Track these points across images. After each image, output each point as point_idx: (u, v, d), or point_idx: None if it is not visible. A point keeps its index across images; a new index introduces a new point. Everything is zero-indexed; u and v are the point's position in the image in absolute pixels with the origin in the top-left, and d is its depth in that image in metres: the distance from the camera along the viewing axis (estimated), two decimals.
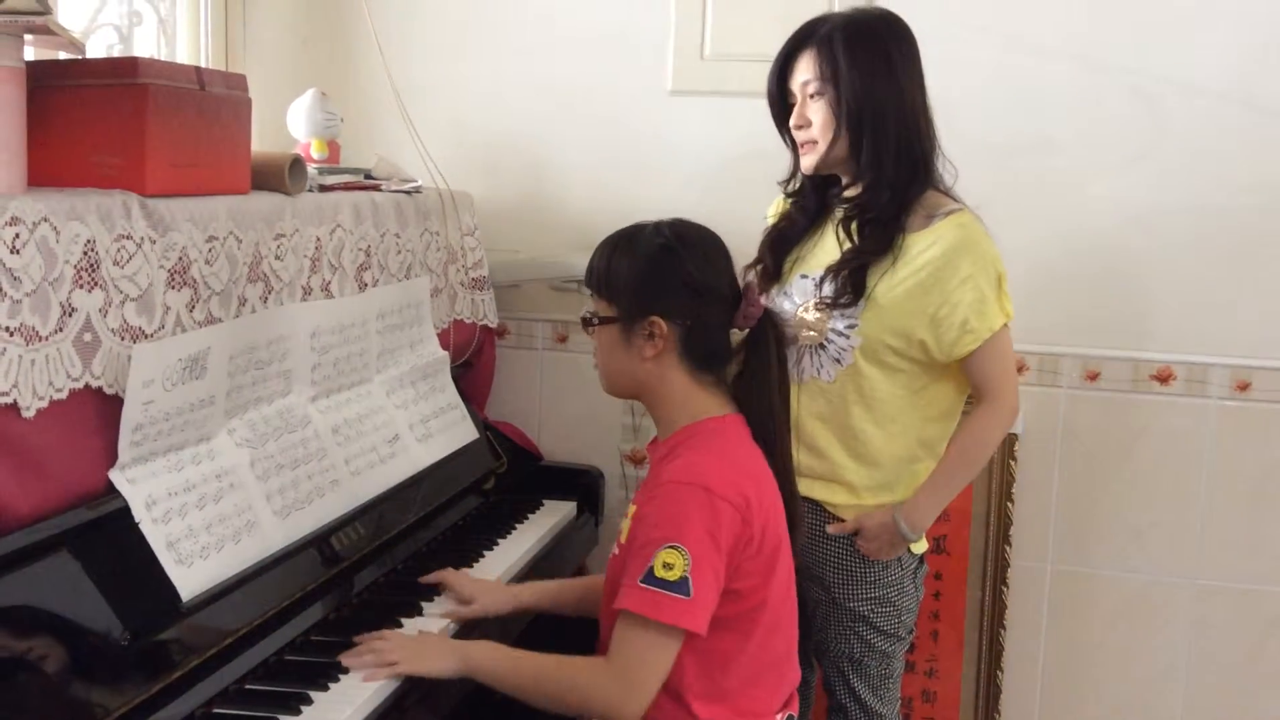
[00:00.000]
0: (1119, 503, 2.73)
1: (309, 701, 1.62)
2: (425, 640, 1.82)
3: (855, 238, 2.06)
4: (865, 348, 2.05)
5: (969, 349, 2.02)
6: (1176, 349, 2.67)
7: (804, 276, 2.13)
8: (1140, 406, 2.70)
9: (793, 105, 2.11)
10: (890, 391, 2.07)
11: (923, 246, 2.03)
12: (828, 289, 2.07)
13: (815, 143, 2.08)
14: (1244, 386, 2.64)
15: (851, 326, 2.06)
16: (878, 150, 2.03)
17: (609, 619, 1.76)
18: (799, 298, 2.12)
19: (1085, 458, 2.74)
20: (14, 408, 1.46)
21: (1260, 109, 2.57)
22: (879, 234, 2.04)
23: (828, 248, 2.11)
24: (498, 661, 1.75)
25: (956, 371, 2.08)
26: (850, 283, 2.04)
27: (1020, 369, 2.72)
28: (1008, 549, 2.74)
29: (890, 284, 2.03)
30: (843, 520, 2.10)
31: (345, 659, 1.72)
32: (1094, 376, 2.71)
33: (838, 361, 2.07)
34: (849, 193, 2.10)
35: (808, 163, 2.11)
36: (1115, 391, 2.71)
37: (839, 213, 2.10)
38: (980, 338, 2.01)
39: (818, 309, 2.08)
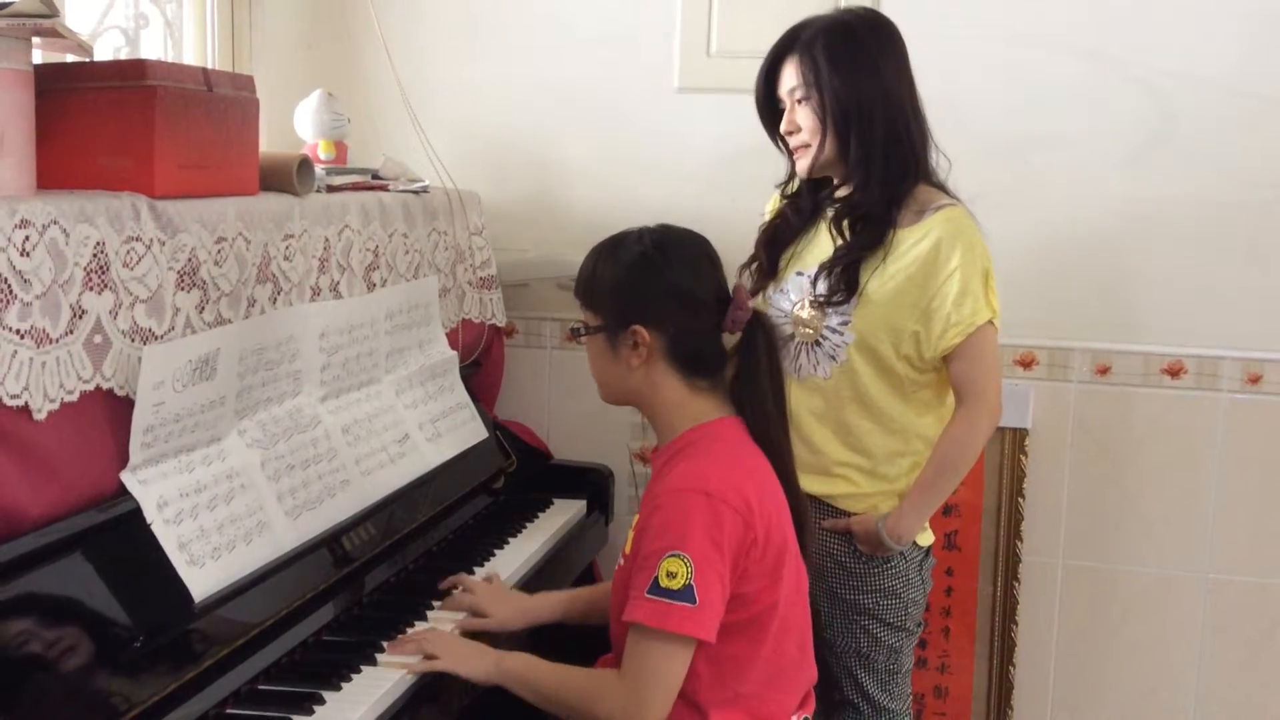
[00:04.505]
0: (1130, 497, 2.73)
1: (321, 701, 1.62)
2: (468, 643, 1.84)
3: (847, 234, 2.08)
4: (859, 344, 2.07)
5: (954, 342, 2.02)
6: (1187, 342, 2.66)
7: (800, 274, 2.15)
8: (1151, 400, 2.69)
9: (782, 111, 2.15)
10: (884, 389, 2.08)
11: (912, 241, 2.04)
12: (821, 287, 2.09)
13: (808, 146, 2.11)
14: (1255, 379, 2.64)
15: (845, 323, 2.07)
16: (865, 149, 2.05)
17: (619, 630, 1.76)
18: (795, 295, 2.14)
19: (1096, 452, 2.73)
20: (25, 410, 1.46)
21: (1269, 101, 2.57)
22: (870, 230, 2.06)
23: (822, 244, 2.13)
24: (527, 671, 1.76)
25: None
26: (843, 280, 2.06)
27: (1030, 363, 2.72)
28: (1019, 544, 2.73)
29: (881, 280, 2.04)
30: (846, 514, 2.11)
31: (389, 648, 1.77)
32: (1104, 370, 2.71)
33: (833, 358, 2.09)
34: (841, 192, 2.13)
35: (802, 166, 2.14)
36: (1126, 385, 2.70)
37: (831, 211, 2.12)
38: (964, 331, 2.01)
39: (813, 306, 2.10)
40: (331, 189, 2.27)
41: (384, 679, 1.70)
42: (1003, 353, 2.68)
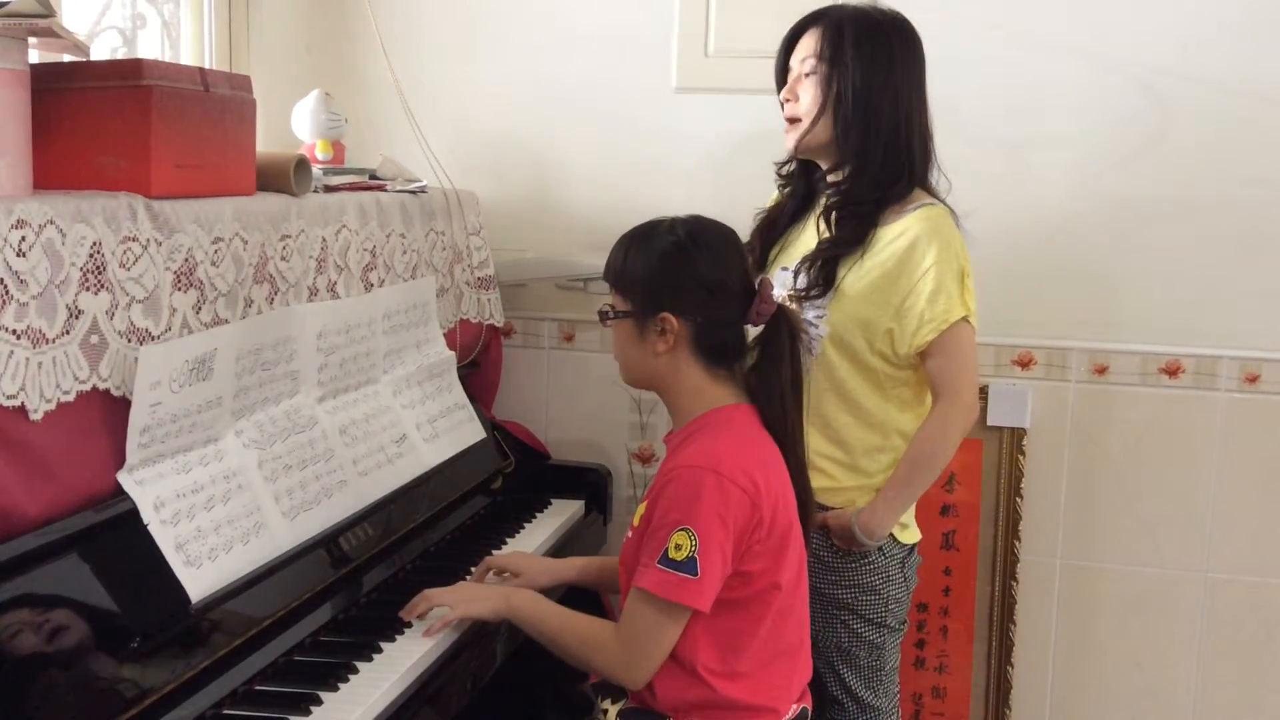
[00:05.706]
0: (1128, 497, 2.73)
1: (319, 702, 1.62)
2: (473, 586, 1.99)
3: (832, 229, 2.08)
4: (833, 337, 2.08)
5: (927, 339, 2.03)
6: (1185, 342, 2.66)
7: (784, 269, 2.16)
8: (1149, 400, 2.69)
9: None
10: (861, 383, 2.08)
11: (890, 238, 2.05)
12: (801, 281, 2.10)
13: (799, 120, 2.11)
14: (1253, 379, 2.64)
15: (820, 316, 2.08)
16: (862, 141, 2.06)
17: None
18: (779, 289, 2.14)
19: (1094, 452, 2.73)
20: (22, 411, 1.46)
21: (1265, 99, 2.56)
22: (854, 226, 2.07)
23: (808, 240, 2.14)
24: (535, 608, 1.87)
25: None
26: (821, 275, 2.07)
27: (1028, 363, 2.72)
28: (1017, 544, 2.73)
29: (857, 275, 2.06)
30: (824, 508, 2.10)
31: (403, 614, 1.86)
32: (1102, 370, 2.71)
33: (809, 351, 2.09)
34: (831, 178, 2.13)
35: (790, 139, 2.14)
36: (1123, 385, 2.70)
37: (823, 201, 2.13)
38: (938, 328, 2.02)
39: (792, 301, 2.10)
40: (329, 189, 2.27)
41: (382, 679, 1.70)
42: (1000, 353, 2.70)
